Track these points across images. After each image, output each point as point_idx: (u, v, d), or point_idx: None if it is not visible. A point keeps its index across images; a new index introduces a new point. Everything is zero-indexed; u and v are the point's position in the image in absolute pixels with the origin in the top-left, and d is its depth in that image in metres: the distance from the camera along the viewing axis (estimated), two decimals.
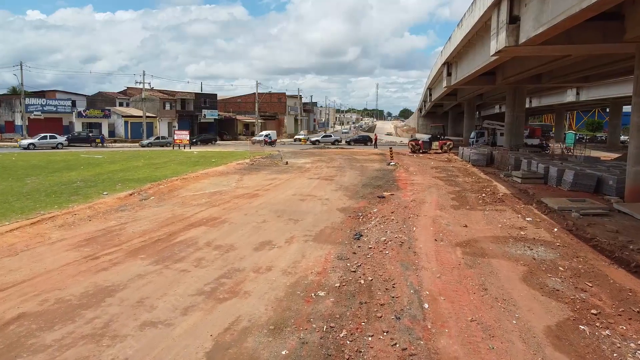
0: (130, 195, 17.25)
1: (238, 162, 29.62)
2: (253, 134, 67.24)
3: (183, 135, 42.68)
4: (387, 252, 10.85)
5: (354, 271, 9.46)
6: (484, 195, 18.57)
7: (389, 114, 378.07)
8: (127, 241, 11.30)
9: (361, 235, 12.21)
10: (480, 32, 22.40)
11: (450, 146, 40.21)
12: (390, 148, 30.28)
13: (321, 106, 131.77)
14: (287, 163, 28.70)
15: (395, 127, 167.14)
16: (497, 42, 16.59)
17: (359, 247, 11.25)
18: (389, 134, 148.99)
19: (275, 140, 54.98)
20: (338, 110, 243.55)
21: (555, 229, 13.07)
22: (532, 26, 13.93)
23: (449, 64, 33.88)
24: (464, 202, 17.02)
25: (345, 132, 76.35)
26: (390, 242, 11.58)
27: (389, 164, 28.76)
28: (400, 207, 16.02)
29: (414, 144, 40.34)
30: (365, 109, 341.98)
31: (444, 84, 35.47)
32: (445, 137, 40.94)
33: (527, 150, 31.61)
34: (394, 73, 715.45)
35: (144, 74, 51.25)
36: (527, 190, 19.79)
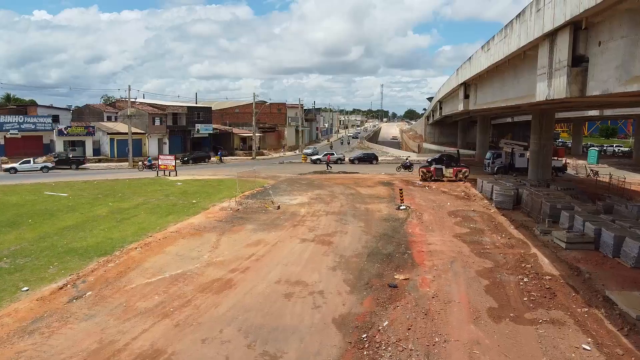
0: (60, 289, 13.07)
1: (222, 204, 25.40)
2: (250, 148, 63.08)
3: (168, 161, 38.41)
4: None
5: None
6: (526, 280, 14.27)
7: (394, 115, 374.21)
8: None
9: None
10: (514, 61, 18.09)
11: (466, 174, 35.79)
12: (401, 190, 25.93)
13: (325, 107, 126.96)
14: (278, 207, 24.44)
15: (401, 131, 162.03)
16: (551, 87, 12.26)
17: None
18: (394, 138, 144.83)
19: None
20: (342, 111, 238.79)
21: None
22: (615, 77, 9.60)
23: (467, 85, 29.57)
24: (504, 301, 12.72)
25: (315, 155, 56.43)
26: None
27: (398, 208, 24.46)
28: (419, 314, 11.78)
29: (425, 171, 35.98)
30: (369, 110, 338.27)
31: (460, 106, 31.16)
32: (461, 165, 36.54)
33: (558, 187, 27.18)
34: (398, 72, 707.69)
35: (129, 89, 47.19)
36: (579, 266, 15.49)
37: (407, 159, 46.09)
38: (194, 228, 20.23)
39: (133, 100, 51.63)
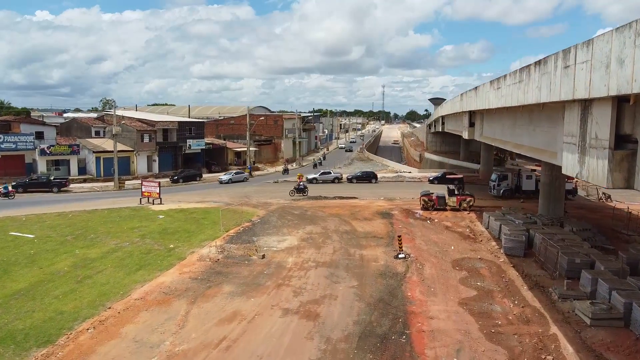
0: None
1: (202, 250, 22.93)
2: (245, 163, 60.55)
3: (152, 188, 35.91)
4: None
5: None
6: None
7: (396, 116, 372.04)
8: None
9: None
10: (529, 106, 15.58)
11: (471, 203, 33.23)
12: (399, 237, 23.40)
13: (327, 108, 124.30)
14: (263, 257, 21.96)
15: (403, 134, 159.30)
16: (584, 166, 9.77)
17: None
18: (395, 143, 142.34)
19: None
20: (343, 113, 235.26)
21: None
22: None
23: (473, 113, 27.08)
24: None
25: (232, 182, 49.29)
26: None
27: (397, 257, 21.99)
28: None
29: (426, 199, 33.42)
30: (371, 111, 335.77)
31: (465, 134, 28.74)
32: (465, 193, 34.00)
33: (573, 228, 24.64)
34: (399, 72, 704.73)
35: (115, 106, 44.75)
36: (610, 357, 13.03)
37: (300, 183, 41.35)
38: (163, 292, 17.76)
39: (121, 115, 49.15)
